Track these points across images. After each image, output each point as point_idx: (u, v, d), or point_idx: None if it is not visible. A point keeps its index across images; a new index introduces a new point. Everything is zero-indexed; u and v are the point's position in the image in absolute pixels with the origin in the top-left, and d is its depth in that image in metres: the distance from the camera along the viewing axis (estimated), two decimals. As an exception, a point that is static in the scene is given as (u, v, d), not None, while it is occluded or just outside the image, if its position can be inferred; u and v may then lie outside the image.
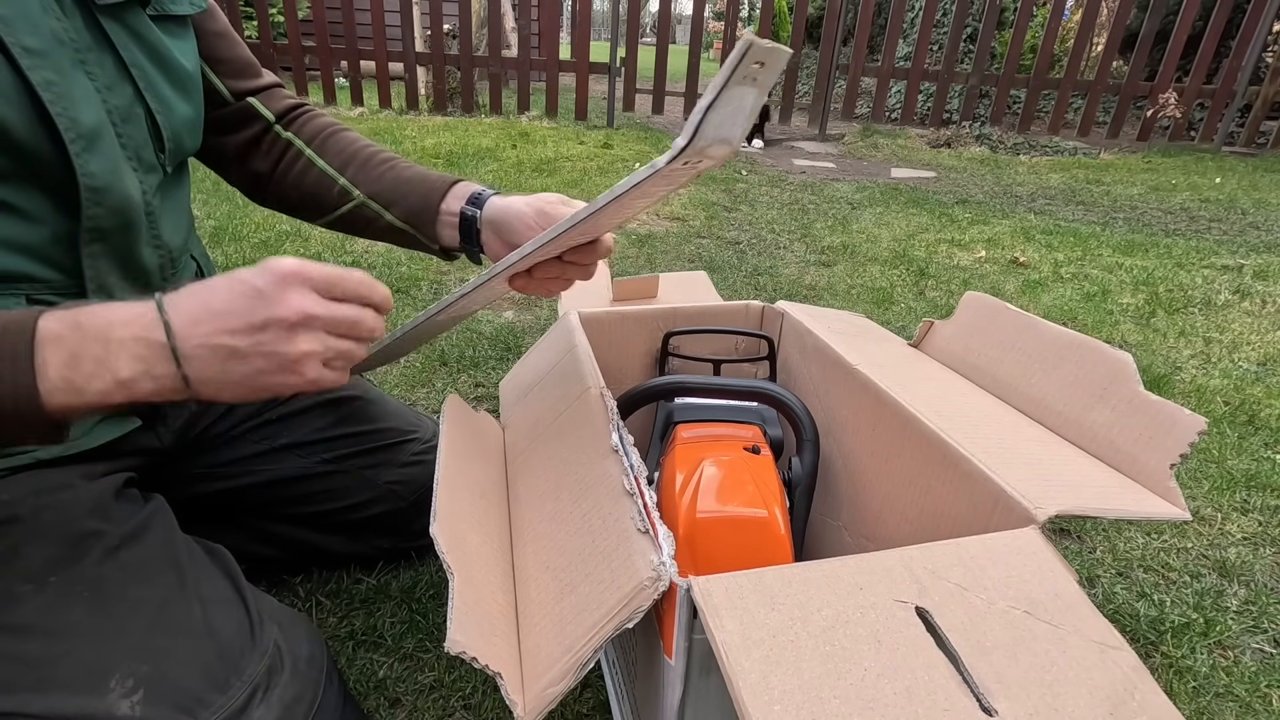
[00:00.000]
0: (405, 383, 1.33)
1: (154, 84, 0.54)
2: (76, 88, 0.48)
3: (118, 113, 0.51)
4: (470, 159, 3.21)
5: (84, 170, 0.48)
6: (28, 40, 0.45)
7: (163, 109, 0.55)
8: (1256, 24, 4.35)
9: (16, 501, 0.51)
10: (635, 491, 0.47)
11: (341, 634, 0.78)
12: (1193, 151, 4.57)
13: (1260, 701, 0.77)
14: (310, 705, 0.55)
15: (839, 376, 0.71)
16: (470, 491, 0.55)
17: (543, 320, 1.66)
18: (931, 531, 0.58)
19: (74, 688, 0.46)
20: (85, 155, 0.48)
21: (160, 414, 0.65)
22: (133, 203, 0.53)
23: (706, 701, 0.46)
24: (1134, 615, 0.88)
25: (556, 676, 0.40)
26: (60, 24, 0.47)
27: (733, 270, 2.06)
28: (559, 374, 0.67)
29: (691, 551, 0.55)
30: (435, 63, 4.45)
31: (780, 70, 0.40)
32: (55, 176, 0.48)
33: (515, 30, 5.71)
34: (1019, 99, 4.95)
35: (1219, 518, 1.07)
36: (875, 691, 0.34)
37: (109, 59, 0.51)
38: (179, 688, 0.48)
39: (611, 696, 0.70)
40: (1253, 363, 1.60)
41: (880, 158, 4.28)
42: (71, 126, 0.47)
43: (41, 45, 0.46)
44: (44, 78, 0.46)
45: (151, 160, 0.56)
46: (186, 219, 0.65)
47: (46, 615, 0.48)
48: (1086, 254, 2.36)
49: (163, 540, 0.56)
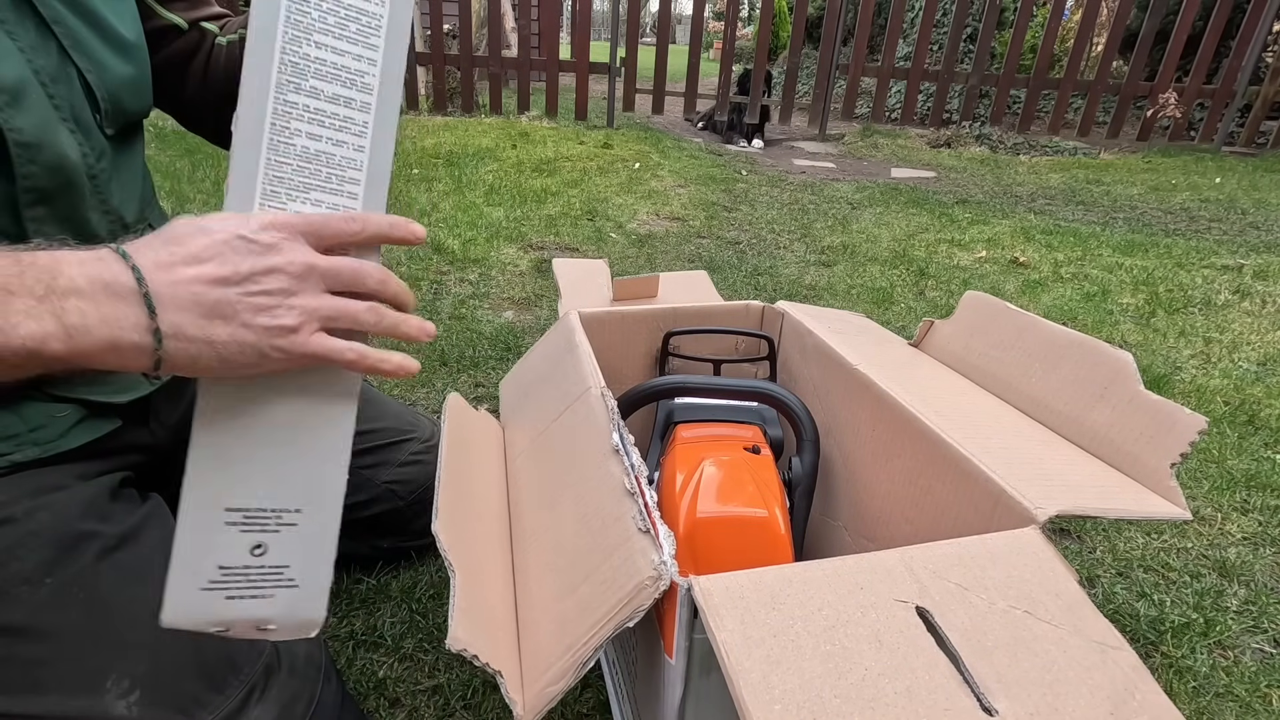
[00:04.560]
0: (405, 383, 1.33)
1: (82, 43, 0.52)
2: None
3: (45, 73, 0.50)
4: (470, 159, 3.21)
5: (9, 125, 0.46)
6: None
7: (94, 68, 0.53)
8: (1256, 24, 4.35)
9: (11, 503, 0.50)
10: (636, 491, 0.47)
11: (341, 634, 0.78)
12: (1193, 151, 4.57)
13: (1260, 701, 0.77)
14: (308, 704, 0.54)
15: (839, 376, 0.71)
16: (472, 490, 0.55)
17: (543, 320, 1.66)
18: (931, 531, 0.58)
19: (70, 688, 0.46)
20: (8, 110, 0.46)
21: (153, 409, 0.64)
22: (69, 162, 0.51)
23: (707, 701, 0.46)
24: (1134, 615, 0.88)
25: (556, 675, 0.40)
26: None
27: (733, 270, 2.06)
28: (559, 374, 0.67)
29: (692, 551, 0.55)
30: (435, 63, 4.45)
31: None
32: None
33: (515, 30, 5.71)
34: (1019, 99, 4.95)
35: (1219, 518, 1.07)
36: (876, 691, 0.34)
37: (30, 20, 0.49)
38: (176, 688, 0.48)
39: (611, 696, 0.70)
40: (1253, 363, 1.60)
41: (880, 158, 4.28)
42: None
43: None
44: None
45: (91, 121, 0.53)
46: (141, 187, 0.62)
47: (42, 616, 0.48)
48: (1086, 254, 2.36)
49: (160, 540, 0.56)
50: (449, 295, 1.76)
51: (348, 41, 0.44)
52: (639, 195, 2.87)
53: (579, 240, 2.27)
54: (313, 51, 0.43)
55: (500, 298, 1.78)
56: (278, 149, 0.42)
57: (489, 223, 2.34)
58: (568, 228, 2.37)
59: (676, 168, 3.44)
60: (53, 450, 0.54)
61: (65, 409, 0.54)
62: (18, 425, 0.52)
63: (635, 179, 3.13)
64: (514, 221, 2.38)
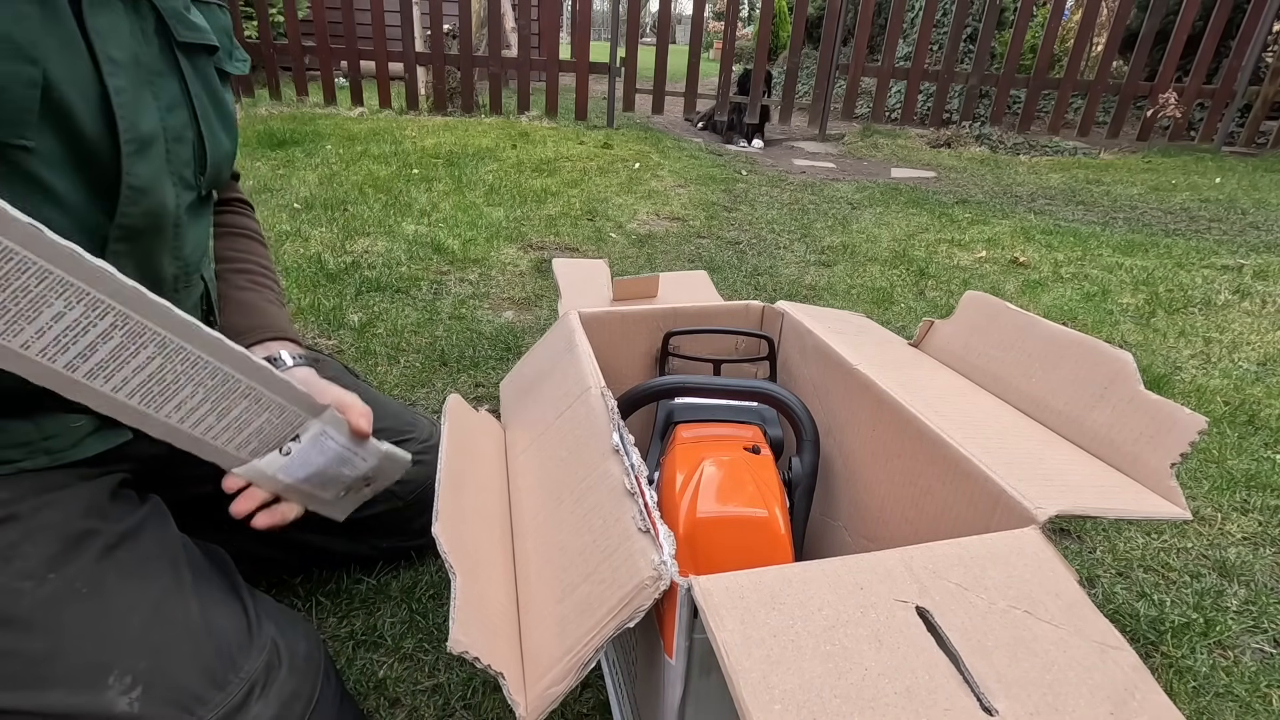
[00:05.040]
0: (405, 383, 1.33)
1: (207, 115, 0.61)
2: (142, 101, 0.54)
3: (171, 131, 0.57)
4: (470, 159, 3.21)
5: (130, 170, 0.53)
6: (113, 52, 0.51)
7: (211, 138, 0.62)
8: (1256, 24, 4.35)
9: (15, 500, 0.51)
10: (636, 491, 0.47)
11: (341, 634, 0.78)
12: (1193, 151, 4.57)
13: (1260, 701, 0.77)
14: (308, 702, 0.55)
15: (839, 376, 0.71)
16: (472, 491, 0.55)
17: (543, 320, 1.66)
18: (931, 531, 0.58)
19: (73, 684, 0.47)
20: (135, 158, 0.53)
21: None
22: (166, 210, 0.57)
23: (707, 701, 0.46)
24: (1134, 615, 0.88)
25: (558, 676, 0.40)
26: (141, 49, 0.54)
27: (733, 270, 2.06)
28: (559, 374, 0.67)
29: (692, 551, 0.55)
30: (435, 63, 4.45)
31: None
32: (103, 173, 0.52)
33: (515, 30, 5.70)
34: (1019, 99, 4.95)
35: (1219, 518, 1.07)
36: (876, 691, 0.34)
37: (174, 85, 0.58)
38: (177, 685, 0.49)
39: (612, 696, 0.70)
40: (1253, 363, 1.60)
41: (880, 158, 4.28)
42: (130, 129, 0.52)
43: (122, 58, 0.52)
44: (117, 84, 0.51)
45: (190, 180, 0.61)
46: (205, 240, 0.68)
47: (46, 612, 0.48)
48: (1086, 254, 2.36)
49: (159, 539, 0.56)
50: (449, 295, 1.76)
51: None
52: (639, 195, 2.87)
53: (579, 240, 2.27)
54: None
55: (500, 298, 1.78)
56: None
57: (489, 223, 2.34)
58: (568, 228, 2.37)
59: (676, 168, 3.44)
60: (62, 459, 0.55)
61: (80, 419, 0.55)
62: (33, 433, 0.53)
63: (635, 179, 3.13)
64: (514, 221, 2.39)
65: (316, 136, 3.42)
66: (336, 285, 1.75)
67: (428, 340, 1.51)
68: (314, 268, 1.84)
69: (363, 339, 1.49)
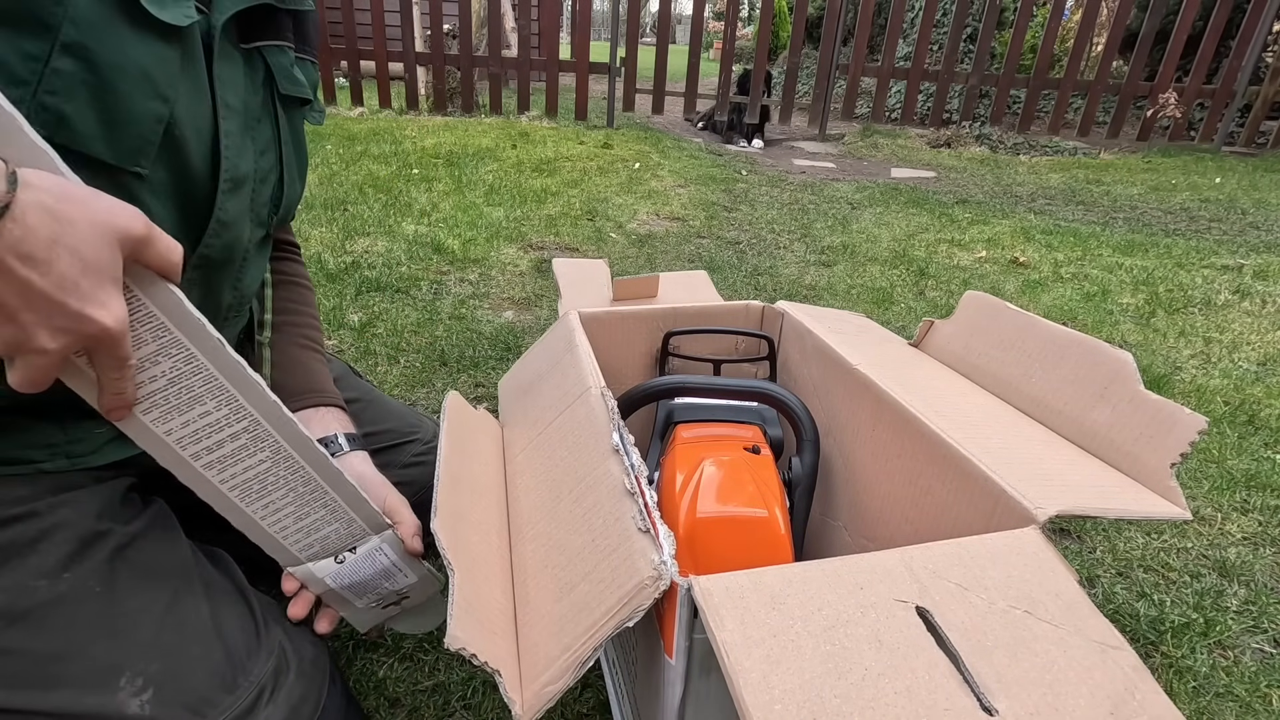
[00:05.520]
0: (405, 383, 1.33)
1: (290, 161, 0.66)
2: (244, 144, 0.58)
3: (259, 173, 0.61)
4: (470, 159, 3.21)
5: (221, 206, 0.56)
6: (230, 99, 0.56)
7: (290, 182, 0.66)
8: (1256, 24, 4.35)
9: (33, 498, 0.51)
10: (636, 491, 0.47)
11: (342, 634, 0.78)
12: (1193, 151, 4.58)
13: (1260, 701, 0.77)
14: (315, 706, 0.55)
15: (839, 376, 0.71)
16: (471, 489, 0.55)
17: (543, 320, 1.66)
18: (931, 531, 0.58)
19: (84, 685, 0.47)
20: (228, 195, 0.57)
21: None
22: (240, 244, 0.60)
23: (707, 701, 0.46)
24: (1134, 615, 0.88)
25: (555, 675, 0.40)
26: (250, 96, 0.59)
27: (733, 270, 2.06)
28: (559, 373, 0.67)
29: (692, 551, 0.55)
30: (435, 63, 4.45)
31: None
32: (197, 206, 0.55)
33: (515, 30, 5.70)
34: (1019, 99, 4.95)
35: (1219, 518, 1.07)
36: (876, 691, 0.34)
37: (269, 131, 0.62)
38: (188, 687, 0.49)
39: (611, 696, 0.70)
40: (1253, 363, 1.60)
41: (880, 158, 4.28)
42: (230, 169, 0.56)
43: (235, 104, 0.57)
44: (228, 127, 0.56)
45: (264, 218, 0.64)
46: (262, 274, 0.71)
47: (60, 611, 0.48)
48: (1086, 254, 2.36)
49: (168, 541, 0.57)
50: (449, 295, 1.76)
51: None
52: (639, 195, 2.87)
53: (579, 240, 2.27)
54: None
55: (500, 298, 1.78)
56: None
57: (489, 223, 2.34)
58: (568, 228, 2.37)
59: (676, 168, 3.44)
60: (81, 464, 0.55)
61: (102, 427, 0.55)
62: (58, 436, 0.54)
63: (635, 179, 3.13)
64: (514, 221, 2.39)
65: (316, 136, 3.42)
66: (336, 285, 1.75)
67: (428, 340, 1.51)
68: (314, 268, 1.84)
69: (363, 339, 1.49)
